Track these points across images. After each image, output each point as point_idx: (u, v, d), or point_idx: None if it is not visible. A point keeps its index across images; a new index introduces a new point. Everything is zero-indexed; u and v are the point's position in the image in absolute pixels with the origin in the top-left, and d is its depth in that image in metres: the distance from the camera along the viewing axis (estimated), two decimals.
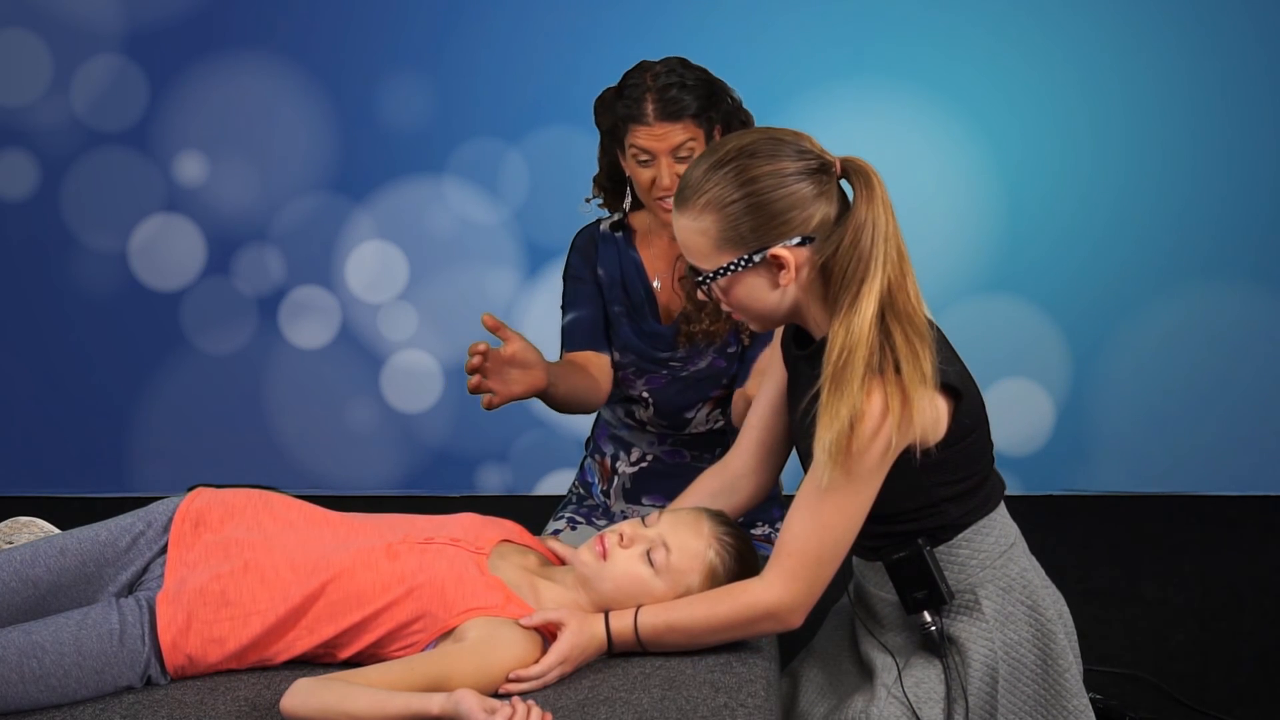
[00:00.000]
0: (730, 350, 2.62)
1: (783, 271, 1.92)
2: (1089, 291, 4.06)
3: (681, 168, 2.46)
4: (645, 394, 2.68)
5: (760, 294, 1.95)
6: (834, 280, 1.89)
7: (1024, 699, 2.04)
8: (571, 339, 2.69)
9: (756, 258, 1.91)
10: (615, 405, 2.74)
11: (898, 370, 1.87)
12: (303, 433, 4.23)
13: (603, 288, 2.67)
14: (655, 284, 2.65)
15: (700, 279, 1.96)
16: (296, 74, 4.05)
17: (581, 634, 1.98)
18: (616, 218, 2.68)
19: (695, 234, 1.94)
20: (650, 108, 2.45)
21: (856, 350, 1.85)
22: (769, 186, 1.89)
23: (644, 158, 2.48)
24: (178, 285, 4.15)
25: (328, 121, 4.08)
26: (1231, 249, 4.03)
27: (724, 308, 2.01)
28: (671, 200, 2.42)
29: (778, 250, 1.90)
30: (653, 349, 2.64)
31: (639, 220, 2.69)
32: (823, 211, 1.90)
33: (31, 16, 4.03)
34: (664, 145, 2.45)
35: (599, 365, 2.65)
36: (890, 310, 1.89)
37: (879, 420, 1.86)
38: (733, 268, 1.93)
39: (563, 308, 2.71)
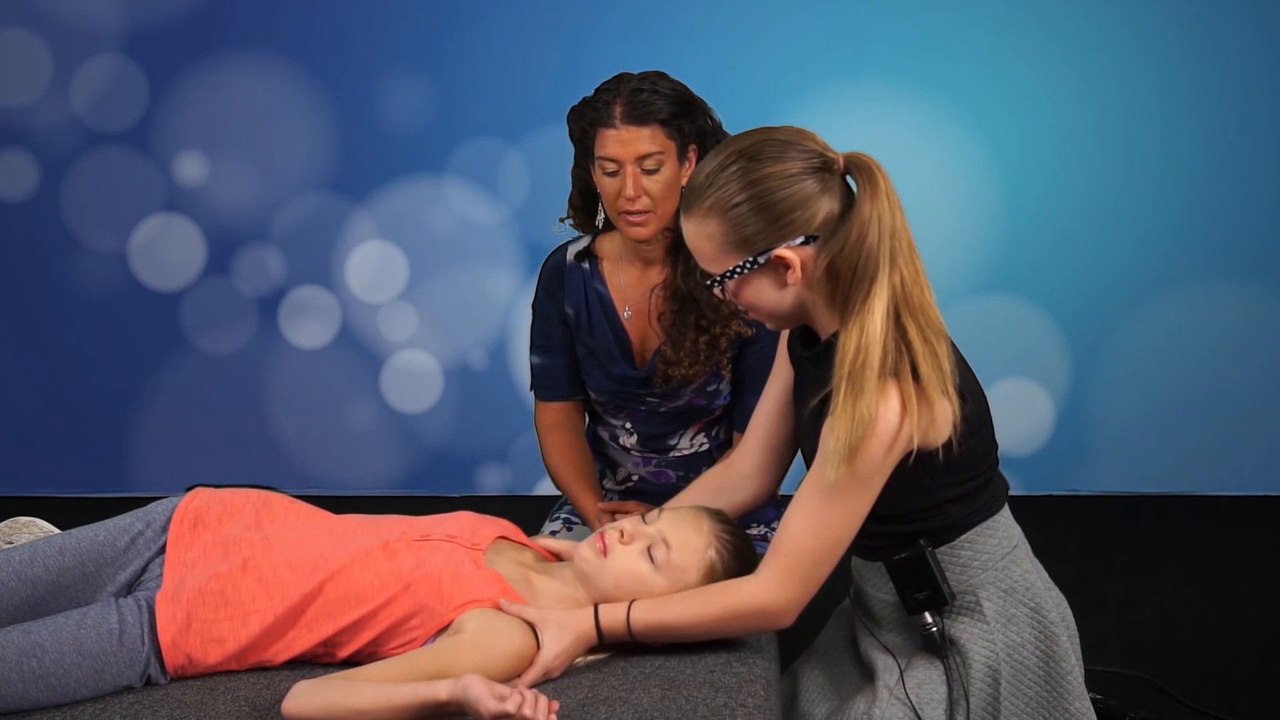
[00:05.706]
0: (710, 389, 2.57)
1: (789, 271, 1.92)
2: (1089, 291, 4.05)
3: (649, 180, 2.40)
4: (627, 425, 2.65)
5: (768, 294, 1.95)
6: (842, 278, 1.88)
7: (1026, 701, 2.04)
8: (549, 387, 2.67)
9: (761, 259, 1.91)
10: (599, 428, 2.72)
11: (915, 370, 1.86)
12: (303, 433, 4.22)
13: (570, 328, 2.63)
14: (626, 313, 2.59)
15: (709, 282, 1.98)
16: (296, 74, 4.05)
17: (561, 640, 1.98)
18: (584, 244, 2.62)
19: (702, 238, 1.94)
20: (618, 110, 2.40)
21: (872, 350, 1.84)
22: (772, 188, 1.89)
23: (610, 167, 2.41)
24: (178, 285, 4.14)
25: (328, 121, 4.07)
26: (1231, 249, 4.02)
27: (738, 305, 2.02)
28: (637, 215, 2.44)
29: (781, 251, 1.90)
30: (627, 388, 2.60)
31: (606, 246, 2.61)
32: (826, 209, 1.90)
33: (31, 16, 4.02)
34: (629, 152, 2.39)
35: (580, 413, 2.74)
36: (905, 306, 1.88)
37: (896, 424, 1.86)
38: (739, 270, 1.93)
39: (531, 342, 2.68)
